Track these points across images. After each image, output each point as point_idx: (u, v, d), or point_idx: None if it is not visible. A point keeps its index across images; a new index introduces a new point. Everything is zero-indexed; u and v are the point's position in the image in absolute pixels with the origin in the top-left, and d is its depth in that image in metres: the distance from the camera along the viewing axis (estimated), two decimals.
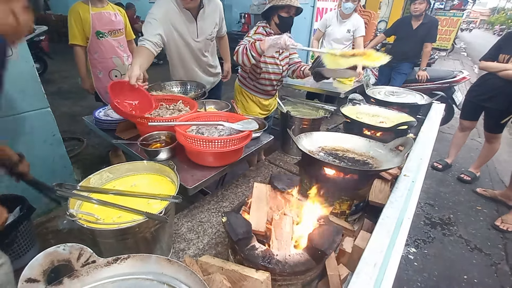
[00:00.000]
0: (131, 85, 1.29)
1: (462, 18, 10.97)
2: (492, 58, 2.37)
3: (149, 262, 0.62)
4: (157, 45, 1.61)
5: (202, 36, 1.89)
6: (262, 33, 1.79)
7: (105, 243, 0.83)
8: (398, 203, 0.93)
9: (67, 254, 0.58)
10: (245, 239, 0.80)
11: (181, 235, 1.12)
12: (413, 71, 3.68)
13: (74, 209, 0.80)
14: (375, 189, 1.29)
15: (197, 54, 1.96)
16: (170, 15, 1.69)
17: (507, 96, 2.29)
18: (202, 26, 1.85)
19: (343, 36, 3.13)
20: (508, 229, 2.12)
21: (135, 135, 1.44)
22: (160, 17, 1.64)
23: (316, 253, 0.76)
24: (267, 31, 1.79)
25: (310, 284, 0.84)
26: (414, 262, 1.78)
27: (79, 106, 3.76)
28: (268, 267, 0.75)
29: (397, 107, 1.84)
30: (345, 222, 1.18)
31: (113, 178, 0.99)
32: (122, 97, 1.34)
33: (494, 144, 2.59)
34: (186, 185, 1.12)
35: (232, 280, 0.77)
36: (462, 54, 12.05)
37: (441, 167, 2.97)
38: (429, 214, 2.26)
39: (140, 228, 0.79)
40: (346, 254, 0.96)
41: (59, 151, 1.89)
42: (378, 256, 0.71)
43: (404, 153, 1.14)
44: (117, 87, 1.30)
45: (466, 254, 1.89)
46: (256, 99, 2.01)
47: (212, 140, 1.15)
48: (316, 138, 1.34)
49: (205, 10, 1.82)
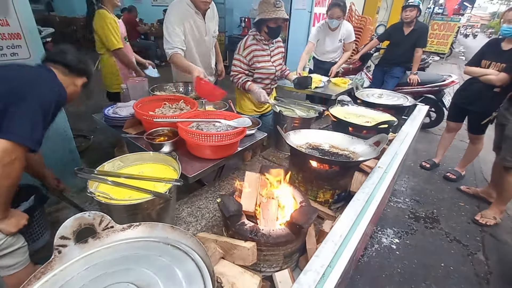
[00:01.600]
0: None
1: (461, 22, 11.14)
2: (476, 63, 2.52)
3: (157, 228, 0.77)
4: (183, 51, 1.94)
5: (209, 34, 2.16)
6: (252, 44, 1.99)
7: (118, 218, 0.98)
8: (369, 189, 1.07)
9: (91, 219, 0.73)
10: (236, 215, 0.95)
11: (182, 218, 1.27)
12: (405, 75, 3.82)
13: (92, 189, 0.95)
14: (356, 181, 1.45)
15: (205, 52, 2.21)
16: (187, 17, 1.94)
17: (487, 100, 2.44)
18: (208, 24, 2.11)
19: (335, 47, 3.31)
20: (487, 223, 2.26)
21: (140, 131, 1.59)
22: (178, 23, 1.89)
23: (295, 227, 0.91)
24: (258, 39, 2.00)
25: (291, 256, 0.99)
26: (396, 251, 1.93)
27: (85, 105, 3.91)
28: (255, 239, 0.90)
29: (383, 108, 1.99)
30: (328, 209, 1.33)
31: (124, 166, 1.14)
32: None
33: (477, 145, 2.74)
34: (186, 174, 1.27)
35: (224, 249, 0.92)
36: (461, 58, 12.20)
37: (429, 166, 3.11)
38: (414, 209, 2.41)
39: (147, 205, 0.94)
40: (325, 233, 1.10)
41: (70, 146, 2.05)
42: (344, 228, 0.86)
43: (380, 148, 1.29)
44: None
45: (445, 245, 2.03)
46: (249, 97, 2.18)
47: (210, 135, 1.30)
48: (305, 135, 1.49)
49: (209, 11, 2.08)
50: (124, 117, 1.66)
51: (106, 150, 2.86)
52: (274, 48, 2.10)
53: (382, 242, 2.00)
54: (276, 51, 2.12)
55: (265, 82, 2.14)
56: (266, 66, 2.05)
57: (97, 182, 0.99)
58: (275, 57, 2.11)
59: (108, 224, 0.76)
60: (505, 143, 2.10)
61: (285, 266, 0.98)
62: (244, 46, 2.00)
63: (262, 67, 2.03)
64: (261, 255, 0.93)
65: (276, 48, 2.12)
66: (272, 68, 2.09)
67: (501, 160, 2.12)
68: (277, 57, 2.14)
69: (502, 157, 2.12)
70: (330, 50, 3.36)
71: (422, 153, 3.49)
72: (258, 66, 2.02)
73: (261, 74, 2.07)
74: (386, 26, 8.14)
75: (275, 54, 2.11)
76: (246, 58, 2.00)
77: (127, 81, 1.94)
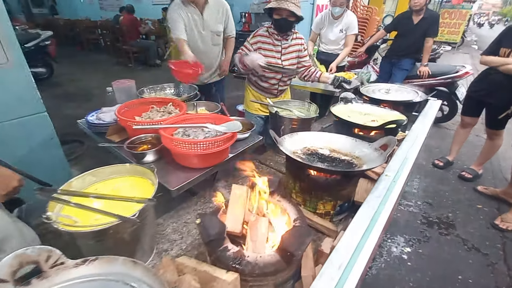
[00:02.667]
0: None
1: (472, 10, 10.67)
2: (493, 52, 2.32)
3: (116, 263, 0.65)
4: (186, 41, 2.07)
5: (208, 29, 2.18)
6: (262, 35, 1.88)
7: (85, 244, 0.87)
8: (374, 203, 0.92)
9: (35, 256, 0.61)
10: (216, 240, 0.81)
11: (166, 235, 1.14)
12: (414, 66, 3.61)
13: (54, 212, 0.83)
14: (360, 189, 1.29)
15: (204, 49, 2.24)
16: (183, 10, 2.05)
17: (508, 92, 2.22)
18: (207, 19, 2.14)
19: (337, 37, 3.13)
20: (508, 228, 2.07)
21: (125, 138, 1.47)
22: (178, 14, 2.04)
23: (286, 254, 0.77)
24: (270, 32, 1.88)
25: (284, 285, 0.85)
26: (408, 262, 1.77)
27: (83, 109, 3.86)
28: (238, 268, 0.76)
29: (391, 105, 1.82)
30: (329, 222, 1.18)
31: (96, 181, 1.02)
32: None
33: (496, 141, 2.52)
34: (169, 186, 1.15)
35: (204, 280, 0.79)
36: (473, 47, 11.70)
37: (442, 165, 2.91)
38: (426, 213, 2.23)
39: (115, 229, 0.82)
40: (325, 254, 0.96)
41: (57, 154, 1.96)
42: (344, 258, 0.71)
43: (387, 153, 1.13)
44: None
45: (463, 254, 1.86)
46: (257, 95, 2.07)
47: (196, 143, 1.17)
48: (302, 138, 1.34)
49: (209, 6, 2.12)
50: (107, 123, 1.55)
51: (102, 156, 2.77)
52: (288, 45, 1.93)
53: (392, 252, 1.84)
54: (290, 49, 1.95)
55: (270, 81, 1.99)
56: (271, 62, 1.88)
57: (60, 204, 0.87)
58: (287, 55, 1.95)
59: (58, 260, 0.64)
60: None
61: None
62: (254, 34, 1.91)
63: (268, 62, 1.87)
64: (246, 286, 0.79)
65: (290, 46, 1.95)
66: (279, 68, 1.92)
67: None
68: (290, 56, 1.96)
69: None
70: (333, 40, 3.19)
71: (434, 150, 3.28)
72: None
73: (265, 72, 1.91)
74: (394, 17, 7.85)
75: (289, 53, 1.95)
76: (252, 47, 1.89)
77: (113, 83, 1.82)
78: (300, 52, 2.01)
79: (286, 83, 2.10)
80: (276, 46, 1.90)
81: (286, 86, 2.14)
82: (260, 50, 1.88)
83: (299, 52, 2.00)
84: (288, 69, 1.93)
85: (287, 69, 1.92)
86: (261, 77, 1.97)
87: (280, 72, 1.93)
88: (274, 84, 2.01)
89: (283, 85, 2.08)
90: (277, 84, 2.03)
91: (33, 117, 1.77)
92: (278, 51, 1.91)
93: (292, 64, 1.99)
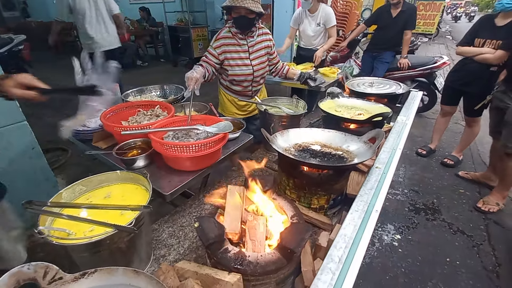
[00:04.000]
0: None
1: (446, 1, 11.05)
2: (468, 42, 2.41)
3: (116, 274, 0.63)
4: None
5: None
6: (225, 36, 1.78)
7: (80, 257, 0.84)
8: (367, 196, 0.95)
9: (31, 272, 0.59)
10: (216, 243, 0.81)
11: (162, 241, 1.13)
12: (395, 59, 3.71)
13: (45, 226, 0.80)
14: (352, 182, 1.32)
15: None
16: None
17: (483, 80, 2.33)
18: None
19: (315, 32, 3.15)
20: (490, 210, 2.18)
21: (112, 144, 1.43)
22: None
23: (286, 251, 0.78)
24: (233, 32, 1.78)
25: (285, 281, 0.86)
26: (399, 249, 1.84)
27: (64, 115, 3.70)
28: (240, 269, 0.76)
29: (375, 98, 1.86)
30: (324, 216, 1.21)
31: (87, 191, 0.99)
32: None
33: (474, 128, 2.65)
34: (163, 191, 1.13)
35: (206, 284, 0.79)
36: (448, 38, 12.15)
37: (425, 153, 3.02)
38: (413, 200, 2.32)
39: (112, 240, 0.80)
40: (322, 248, 0.98)
41: (40, 164, 1.87)
42: (342, 251, 0.73)
43: (376, 146, 1.16)
44: None
45: (449, 237, 1.95)
46: (231, 99, 2.00)
47: (187, 145, 1.15)
48: (293, 135, 1.35)
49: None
50: (93, 129, 1.50)
51: (88, 163, 2.68)
52: (254, 43, 1.83)
53: (384, 240, 1.90)
54: (257, 47, 1.85)
55: (243, 84, 1.90)
56: (241, 65, 1.81)
57: (52, 217, 0.84)
58: (255, 54, 1.84)
59: (56, 276, 0.62)
60: (505, 128, 2.00)
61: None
62: (216, 37, 1.80)
63: (236, 64, 1.80)
64: (249, 286, 0.80)
65: (257, 43, 1.84)
66: (249, 69, 1.84)
67: (503, 147, 2.02)
68: (259, 54, 1.86)
69: (503, 143, 2.02)
70: (312, 35, 3.20)
71: (417, 139, 3.40)
72: (232, 64, 1.80)
73: (235, 75, 1.84)
74: (372, 10, 8.02)
75: (256, 50, 1.85)
76: (216, 51, 1.78)
77: None
78: (269, 49, 1.93)
79: (259, 83, 2.01)
80: (242, 46, 1.81)
81: (260, 86, 2.06)
82: (226, 54, 1.79)
83: (267, 48, 1.91)
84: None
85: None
86: (232, 81, 1.89)
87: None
88: (247, 86, 1.93)
89: (257, 85, 1.99)
90: (250, 85, 1.94)
91: (12, 127, 1.69)
92: (245, 50, 1.81)
93: (262, 62, 1.89)
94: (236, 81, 1.88)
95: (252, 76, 1.88)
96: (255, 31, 1.83)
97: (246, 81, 1.89)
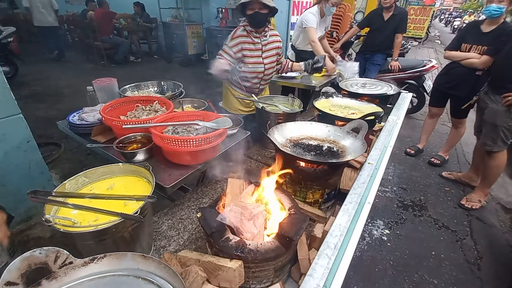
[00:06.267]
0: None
1: (436, 7, 11.35)
2: (456, 47, 2.51)
3: (125, 259, 0.66)
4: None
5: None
6: (241, 35, 1.82)
7: (85, 245, 0.86)
8: (360, 189, 1.01)
9: (43, 257, 0.61)
10: (218, 231, 0.85)
11: (162, 232, 1.16)
12: (386, 61, 3.81)
13: (50, 215, 0.82)
14: (345, 178, 1.38)
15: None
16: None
17: (469, 83, 2.44)
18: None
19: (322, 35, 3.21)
20: (473, 207, 2.30)
21: (111, 138, 1.45)
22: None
23: (285, 240, 0.83)
24: (248, 30, 1.83)
25: (282, 269, 0.91)
26: (387, 243, 1.92)
27: (55, 109, 3.65)
28: (241, 256, 0.81)
29: (368, 98, 1.94)
30: (318, 210, 1.26)
31: (89, 182, 1.01)
32: None
33: (460, 129, 2.77)
34: (163, 184, 1.16)
35: (208, 270, 0.83)
36: (436, 42, 12.49)
37: (414, 153, 3.14)
38: (401, 198, 2.41)
39: (117, 228, 0.82)
40: (317, 239, 1.03)
41: (35, 158, 1.86)
42: (338, 239, 0.78)
43: (362, 135, 1.23)
44: None
45: (435, 232, 2.04)
46: (237, 94, 2.05)
47: (187, 140, 1.18)
48: (285, 130, 1.40)
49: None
50: (91, 123, 1.50)
51: (81, 158, 2.67)
52: (266, 42, 1.91)
53: (373, 234, 1.98)
54: (269, 46, 1.93)
55: (252, 81, 1.97)
56: (254, 62, 1.87)
57: (56, 206, 0.86)
58: (267, 53, 1.93)
59: (66, 260, 0.64)
60: (484, 127, 2.12)
61: (276, 280, 0.90)
62: (232, 36, 1.84)
63: (249, 62, 1.86)
64: (249, 272, 0.84)
65: (269, 42, 1.92)
66: (261, 66, 1.91)
67: (482, 145, 2.14)
68: (270, 53, 1.95)
69: (482, 141, 2.14)
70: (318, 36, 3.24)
71: (406, 140, 3.51)
72: (246, 61, 1.86)
73: (247, 72, 1.90)
74: (365, 13, 8.17)
75: (268, 50, 1.93)
76: (232, 50, 1.82)
77: (93, 82, 1.77)
78: (279, 50, 2.01)
79: (267, 81, 2.09)
80: (256, 44, 1.87)
81: (267, 84, 2.14)
82: (242, 51, 1.84)
83: (277, 49, 2.00)
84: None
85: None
86: (243, 77, 1.95)
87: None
88: (256, 83, 2.00)
89: (265, 83, 2.08)
90: (259, 83, 2.02)
91: (7, 120, 1.67)
92: (258, 49, 1.89)
93: (272, 61, 1.98)
94: (247, 78, 1.94)
95: (263, 74, 1.96)
96: (267, 30, 1.90)
97: (257, 78, 1.96)
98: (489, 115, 2.08)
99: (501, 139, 2.05)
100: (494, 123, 2.05)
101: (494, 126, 2.05)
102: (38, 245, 1.59)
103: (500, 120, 2.03)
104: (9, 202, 1.76)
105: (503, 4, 2.12)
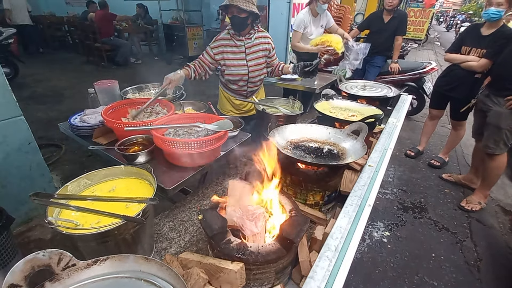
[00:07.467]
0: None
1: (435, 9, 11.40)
2: (456, 50, 2.53)
3: (127, 261, 0.67)
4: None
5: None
6: (224, 38, 1.84)
7: (87, 247, 0.86)
8: (361, 192, 1.01)
9: (46, 259, 0.61)
10: (220, 234, 0.86)
11: (163, 234, 1.16)
12: (386, 63, 3.82)
13: (53, 217, 0.83)
14: (345, 180, 1.39)
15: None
16: None
17: (469, 86, 2.45)
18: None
19: (318, 34, 3.22)
20: (472, 209, 2.30)
21: (113, 140, 1.45)
22: None
23: (286, 242, 0.83)
24: (231, 33, 1.83)
25: (283, 271, 0.91)
26: (388, 245, 1.92)
27: (56, 111, 3.66)
28: (242, 258, 0.81)
29: (368, 100, 1.94)
30: (319, 212, 1.26)
31: (91, 184, 1.01)
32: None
33: (459, 131, 2.78)
34: (165, 186, 1.17)
35: (210, 272, 0.83)
36: (436, 44, 12.52)
37: (414, 155, 3.14)
38: (402, 200, 2.41)
39: (119, 230, 0.83)
40: (318, 241, 1.03)
41: (36, 159, 1.86)
42: (338, 241, 0.79)
43: (362, 137, 1.23)
44: None
45: (435, 234, 2.05)
46: (227, 96, 2.05)
47: (189, 142, 1.19)
48: (285, 132, 1.41)
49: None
50: (93, 125, 1.51)
51: (82, 159, 2.67)
52: (251, 44, 1.86)
53: (374, 236, 1.98)
54: (254, 49, 1.88)
55: (238, 83, 1.95)
56: (237, 65, 1.86)
57: (59, 208, 0.86)
58: (252, 55, 1.88)
59: (69, 262, 0.65)
60: (487, 130, 2.12)
61: (277, 282, 0.91)
62: (215, 38, 1.85)
63: (232, 65, 1.85)
64: (250, 274, 0.85)
65: (254, 45, 1.88)
66: (244, 69, 1.88)
67: (484, 147, 2.14)
68: (256, 56, 1.89)
69: (484, 144, 2.14)
70: (314, 37, 3.24)
71: (406, 141, 3.52)
72: (228, 64, 1.85)
73: (230, 75, 1.89)
74: (365, 15, 8.20)
75: (253, 52, 1.88)
76: (213, 51, 1.83)
77: (95, 84, 1.77)
78: (267, 52, 1.95)
79: (256, 84, 2.04)
80: (239, 47, 1.84)
81: (256, 87, 2.08)
82: (223, 54, 1.83)
83: (265, 51, 1.94)
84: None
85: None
86: (228, 80, 1.94)
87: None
88: (242, 85, 1.98)
89: (253, 86, 2.02)
90: (246, 85, 1.98)
91: (8, 121, 1.68)
92: (241, 51, 1.85)
93: (258, 63, 1.92)
94: (232, 81, 1.93)
95: (248, 77, 1.92)
96: (253, 33, 1.87)
97: (242, 81, 1.94)
98: (493, 118, 2.08)
99: (503, 141, 2.06)
100: (498, 125, 2.06)
101: (498, 129, 2.06)
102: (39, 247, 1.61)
103: (505, 122, 2.03)
104: (10, 204, 1.76)
105: (502, 8, 2.13)
